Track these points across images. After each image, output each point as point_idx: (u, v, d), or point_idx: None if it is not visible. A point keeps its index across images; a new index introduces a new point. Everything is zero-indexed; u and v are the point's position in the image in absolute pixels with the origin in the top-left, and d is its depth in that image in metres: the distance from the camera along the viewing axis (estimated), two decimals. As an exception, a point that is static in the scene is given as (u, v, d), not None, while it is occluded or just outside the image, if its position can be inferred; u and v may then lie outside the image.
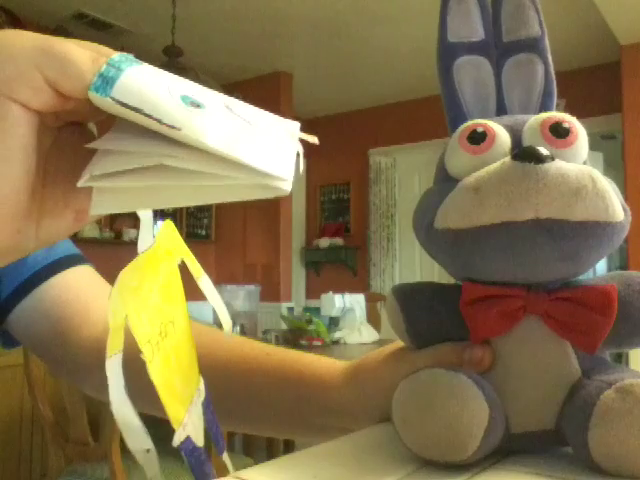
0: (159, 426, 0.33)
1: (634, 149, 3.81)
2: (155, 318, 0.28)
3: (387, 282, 5.36)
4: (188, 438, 0.29)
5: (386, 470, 0.34)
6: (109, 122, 0.29)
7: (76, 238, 3.68)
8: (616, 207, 0.33)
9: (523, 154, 0.33)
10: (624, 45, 3.78)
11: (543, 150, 0.33)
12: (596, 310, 0.34)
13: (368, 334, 2.91)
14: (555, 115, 0.36)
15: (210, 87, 0.30)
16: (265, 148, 0.26)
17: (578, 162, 0.35)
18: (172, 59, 3.03)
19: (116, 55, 0.27)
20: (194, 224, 5.25)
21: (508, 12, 0.41)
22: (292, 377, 0.48)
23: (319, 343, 2.77)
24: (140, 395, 0.57)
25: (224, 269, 5.07)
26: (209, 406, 0.33)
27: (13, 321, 0.54)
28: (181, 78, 0.30)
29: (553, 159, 0.33)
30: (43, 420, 1.92)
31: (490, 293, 0.36)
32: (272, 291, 4.71)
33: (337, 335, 2.83)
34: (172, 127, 0.24)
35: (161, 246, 0.31)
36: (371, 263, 5.48)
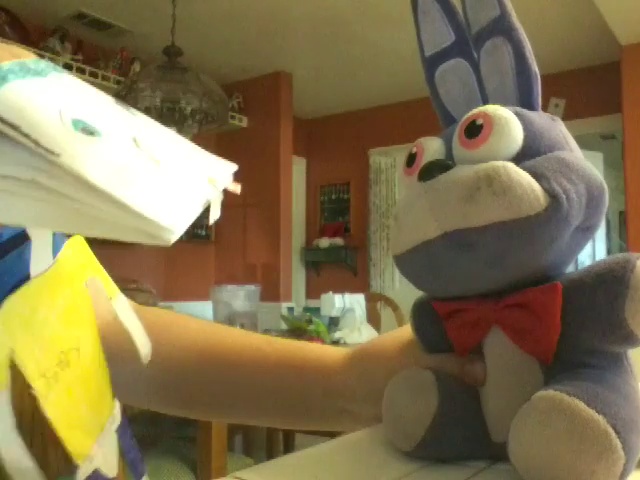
0: (157, 424, 0.33)
1: (634, 149, 3.81)
2: (52, 348, 0.26)
3: (387, 282, 5.35)
4: (96, 471, 0.27)
5: (386, 470, 0.34)
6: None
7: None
8: (523, 201, 0.30)
9: (420, 173, 0.34)
10: (624, 45, 3.78)
11: (438, 163, 0.33)
12: (539, 313, 0.32)
13: (368, 334, 2.90)
14: (474, 113, 0.34)
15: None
16: (160, 192, 0.23)
17: (499, 158, 0.32)
18: (172, 59, 3.03)
19: (8, 63, 0.24)
20: (194, 224, 5.14)
21: (469, 3, 0.39)
22: (294, 361, 0.49)
23: (319, 343, 2.76)
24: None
25: (224, 269, 5.07)
26: (126, 431, 0.31)
27: None
28: (101, 96, 0.26)
29: (449, 168, 0.33)
30: (43, 420, 1.92)
31: (451, 309, 0.36)
32: (272, 291, 4.70)
33: (337, 335, 2.82)
34: (50, 151, 0.21)
35: (63, 267, 0.28)
36: (371, 263, 5.48)
